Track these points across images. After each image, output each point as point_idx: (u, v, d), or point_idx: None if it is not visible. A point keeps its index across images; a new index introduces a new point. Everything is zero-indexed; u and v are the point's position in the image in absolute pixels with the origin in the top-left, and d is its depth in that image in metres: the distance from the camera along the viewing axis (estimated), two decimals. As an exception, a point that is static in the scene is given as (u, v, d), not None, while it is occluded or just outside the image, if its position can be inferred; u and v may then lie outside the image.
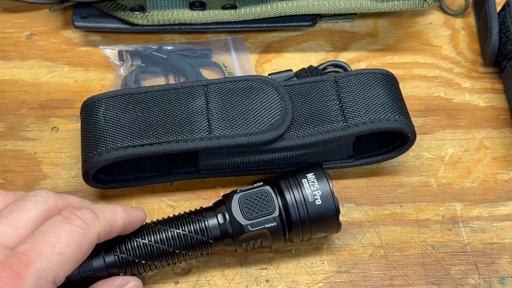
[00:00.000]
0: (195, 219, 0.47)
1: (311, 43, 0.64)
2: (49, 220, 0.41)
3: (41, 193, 0.43)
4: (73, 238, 0.40)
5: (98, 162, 0.49)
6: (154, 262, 0.47)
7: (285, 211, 0.48)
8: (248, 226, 0.47)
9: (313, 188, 0.48)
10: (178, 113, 0.51)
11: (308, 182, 0.48)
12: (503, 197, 0.55)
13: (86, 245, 0.41)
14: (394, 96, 0.53)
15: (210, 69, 0.62)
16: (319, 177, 0.48)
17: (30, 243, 0.39)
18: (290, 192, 0.48)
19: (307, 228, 0.48)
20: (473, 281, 0.51)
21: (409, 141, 0.53)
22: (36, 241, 0.39)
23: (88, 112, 0.52)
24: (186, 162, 0.54)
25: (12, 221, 0.41)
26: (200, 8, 0.61)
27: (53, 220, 0.41)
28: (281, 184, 0.48)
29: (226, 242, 0.48)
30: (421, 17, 0.66)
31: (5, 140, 0.57)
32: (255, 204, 0.47)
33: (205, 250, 0.48)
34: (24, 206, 0.42)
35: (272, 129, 0.51)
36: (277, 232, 0.47)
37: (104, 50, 0.62)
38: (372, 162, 0.55)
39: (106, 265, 0.46)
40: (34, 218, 0.41)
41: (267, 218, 0.47)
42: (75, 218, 0.41)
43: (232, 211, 0.47)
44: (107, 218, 0.44)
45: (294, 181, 0.48)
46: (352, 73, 0.54)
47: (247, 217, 0.47)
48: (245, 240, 0.47)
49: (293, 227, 0.48)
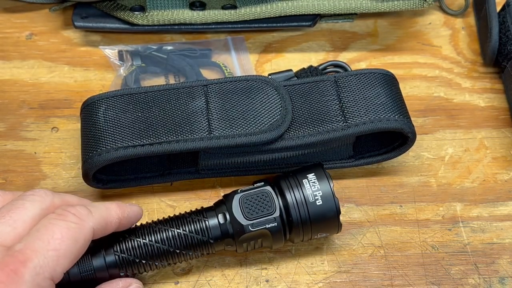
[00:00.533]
0: (195, 219, 0.47)
1: (311, 43, 0.64)
2: (44, 218, 0.42)
3: (39, 193, 0.44)
4: (68, 234, 0.41)
5: (98, 162, 0.49)
6: (155, 262, 0.47)
7: (286, 211, 0.48)
8: (248, 226, 0.47)
9: (314, 189, 0.47)
10: (178, 113, 0.51)
11: (309, 182, 0.48)
12: (503, 197, 0.55)
13: (81, 240, 0.42)
14: (394, 96, 0.53)
15: (210, 69, 0.62)
16: (320, 178, 0.48)
17: (26, 242, 0.40)
18: (291, 192, 0.48)
19: (308, 228, 0.48)
20: (473, 281, 0.51)
21: (409, 141, 0.53)
22: (32, 239, 0.40)
23: (88, 112, 0.52)
24: (186, 162, 0.54)
25: (10, 221, 0.41)
26: (200, 8, 0.61)
27: (48, 218, 0.42)
28: (281, 184, 0.48)
29: (226, 242, 0.48)
30: (421, 17, 0.66)
31: (5, 140, 0.57)
32: (256, 204, 0.47)
33: (206, 250, 0.48)
34: (21, 205, 0.43)
35: (272, 129, 0.51)
36: (277, 232, 0.47)
37: (104, 50, 0.62)
38: (372, 162, 0.55)
39: (107, 265, 0.46)
40: (31, 217, 0.42)
41: (267, 218, 0.47)
42: (68, 215, 0.42)
43: (233, 211, 0.47)
44: (101, 213, 0.44)
45: (294, 181, 0.48)
46: (352, 73, 0.54)
47: (247, 217, 0.47)
48: (246, 240, 0.47)
49: (294, 228, 0.48)
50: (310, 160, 0.54)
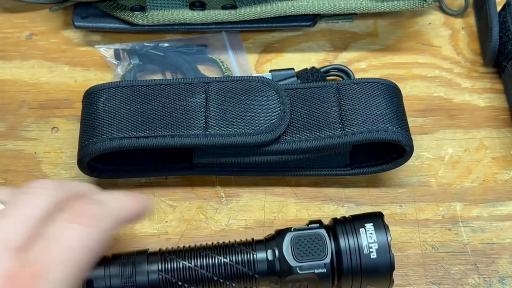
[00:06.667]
0: (244, 251, 0.46)
1: (311, 43, 0.64)
2: (57, 219, 0.37)
3: (45, 184, 0.39)
4: (85, 241, 0.37)
5: (93, 151, 0.49)
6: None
7: (337, 259, 0.45)
8: (297, 268, 0.45)
9: (370, 240, 0.45)
10: (176, 108, 0.51)
11: (366, 232, 0.46)
12: (503, 197, 0.55)
13: (98, 245, 0.38)
14: (394, 107, 0.52)
15: (207, 65, 0.62)
16: (378, 229, 0.46)
17: (40, 249, 0.36)
18: (346, 240, 0.46)
19: (358, 280, 0.45)
20: (473, 281, 0.51)
21: (406, 154, 0.52)
22: (47, 246, 0.36)
23: (89, 100, 0.52)
24: (182, 158, 0.54)
25: (19, 219, 0.37)
26: (200, 8, 0.61)
27: (61, 220, 0.37)
28: (337, 229, 0.46)
29: (271, 279, 0.46)
30: (421, 17, 0.66)
31: (5, 140, 0.57)
32: (308, 246, 0.45)
33: (249, 284, 0.46)
34: (30, 200, 0.38)
35: (268, 131, 0.51)
36: (325, 278, 0.45)
37: (100, 49, 0.62)
38: (368, 172, 0.54)
39: (149, 284, 0.45)
40: (43, 214, 0.37)
41: (317, 263, 0.45)
42: (84, 216, 0.38)
43: (283, 249, 0.45)
44: (118, 210, 0.41)
45: (351, 228, 0.46)
46: (355, 81, 0.54)
47: (297, 258, 0.45)
48: (292, 281, 0.46)
49: (343, 276, 0.45)
50: (306, 165, 0.54)
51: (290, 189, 0.55)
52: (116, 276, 0.45)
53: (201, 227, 0.53)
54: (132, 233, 0.53)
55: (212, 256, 0.46)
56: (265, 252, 0.46)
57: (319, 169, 0.54)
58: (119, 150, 0.50)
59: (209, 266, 0.45)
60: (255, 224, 0.53)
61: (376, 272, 0.45)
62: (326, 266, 0.45)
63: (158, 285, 0.45)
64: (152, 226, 0.53)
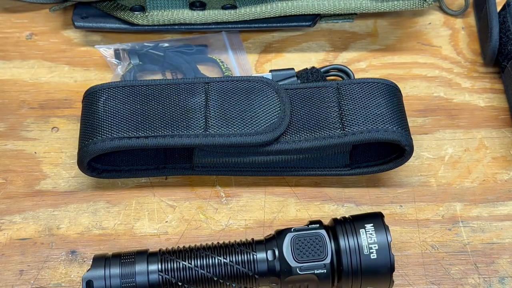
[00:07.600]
0: (244, 251, 0.46)
1: (311, 43, 0.64)
2: None
3: None
4: None
5: (93, 151, 0.49)
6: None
7: (337, 259, 0.46)
8: (297, 268, 0.45)
9: (370, 241, 0.45)
10: (176, 108, 0.51)
11: (366, 233, 0.46)
12: (503, 197, 0.55)
13: None
14: (394, 107, 0.52)
15: (207, 65, 0.62)
16: (378, 230, 0.46)
17: None
18: (346, 240, 0.46)
19: (358, 280, 0.46)
20: (473, 281, 0.51)
21: (406, 154, 0.52)
22: None
23: (89, 100, 0.52)
24: (182, 157, 0.54)
25: None
26: (200, 8, 0.61)
27: None
28: (337, 230, 0.46)
29: (271, 280, 0.46)
30: (421, 17, 0.66)
31: (5, 140, 0.57)
32: (308, 247, 0.46)
33: (249, 284, 0.46)
34: None
35: (268, 131, 0.51)
36: (325, 279, 0.45)
37: (100, 49, 0.62)
38: (368, 172, 0.54)
39: (149, 284, 0.45)
40: None
41: (317, 263, 0.45)
42: None
43: (283, 250, 0.46)
44: None
45: (351, 228, 0.46)
46: (355, 81, 0.54)
47: (297, 259, 0.45)
48: (292, 282, 0.46)
49: (343, 277, 0.45)
50: (306, 165, 0.54)
51: (290, 189, 0.55)
52: (116, 276, 0.45)
53: (201, 227, 0.53)
54: (132, 233, 0.53)
55: (212, 257, 0.46)
56: (265, 252, 0.46)
57: (319, 169, 0.54)
58: (119, 150, 0.50)
59: (209, 267, 0.46)
60: (255, 224, 0.53)
61: (376, 272, 0.45)
62: (326, 266, 0.45)
63: (158, 285, 0.45)
64: (152, 226, 0.53)
